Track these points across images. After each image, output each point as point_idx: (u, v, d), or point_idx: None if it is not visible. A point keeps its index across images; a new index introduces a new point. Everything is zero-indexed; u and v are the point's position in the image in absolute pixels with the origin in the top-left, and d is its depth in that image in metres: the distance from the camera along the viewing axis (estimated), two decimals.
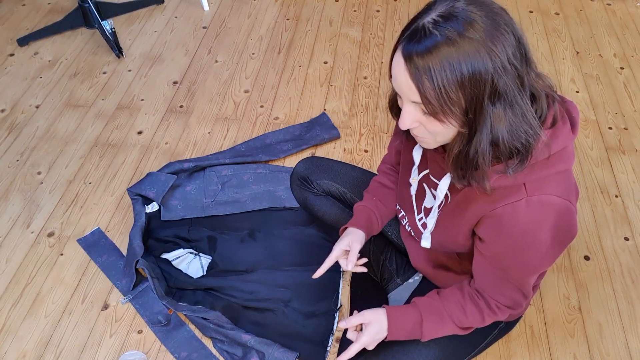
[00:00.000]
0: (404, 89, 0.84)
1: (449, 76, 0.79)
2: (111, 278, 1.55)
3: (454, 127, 0.86)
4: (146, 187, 1.70)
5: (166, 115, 2.04)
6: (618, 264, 1.61)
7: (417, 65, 0.80)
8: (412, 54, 0.80)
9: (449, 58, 0.78)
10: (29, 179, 1.81)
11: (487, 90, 0.81)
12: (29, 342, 1.43)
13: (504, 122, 0.84)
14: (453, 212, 1.04)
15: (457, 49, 0.78)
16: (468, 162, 0.88)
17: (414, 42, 0.80)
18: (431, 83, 0.80)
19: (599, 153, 1.93)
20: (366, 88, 2.16)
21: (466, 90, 0.80)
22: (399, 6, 2.58)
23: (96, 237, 1.65)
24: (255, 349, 1.37)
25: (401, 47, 0.83)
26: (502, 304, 1.08)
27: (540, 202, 0.91)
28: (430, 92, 0.81)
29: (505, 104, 0.83)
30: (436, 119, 0.85)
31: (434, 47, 0.79)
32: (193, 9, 2.53)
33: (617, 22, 2.51)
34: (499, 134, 0.84)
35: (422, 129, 0.90)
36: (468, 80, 0.79)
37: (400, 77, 0.83)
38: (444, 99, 0.81)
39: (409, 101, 0.86)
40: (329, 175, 1.43)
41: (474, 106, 0.82)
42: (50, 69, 2.22)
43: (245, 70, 2.23)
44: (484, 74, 0.80)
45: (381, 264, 1.45)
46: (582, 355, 1.42)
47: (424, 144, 0.95)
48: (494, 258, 1.01)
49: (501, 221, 0.94)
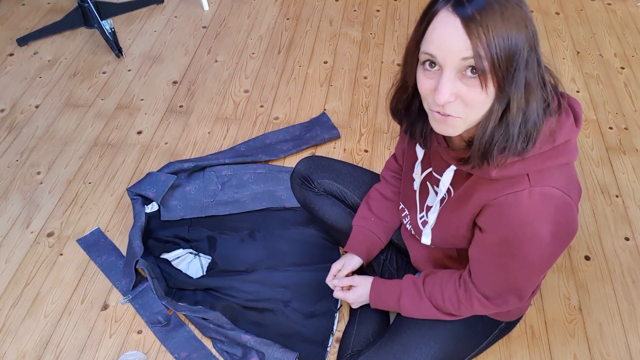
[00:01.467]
0: (454, 49, 0.82)
1: (502, 32, 0.80)
2: (111, 278, 1.55)
3: (490, 99, 0.85)
4: (146, 187, 1.70)
5: (166, 115, 2.04)
6: (618, 264, 1.61)
7: (474, 19, 0.80)
8: (467, 10, 0.80)
9: (501, 15, 0.80)
10: (28, 179, 1.81)
11: (525, 55, 0.83)
12: (29, 342, 1.43)
13: (534, 97, 0.85)
14: (455, 205, 1.04)
15: (506, 9, 0.81)
16: (497, 143, 0.87)
17: (464, 2, 0.81)
18: (486, 38, 0.80)
19: (599, 153, 1.93)
20: (366, 88, 2.16)
21: (511, 51, 0.81)
22: (399, 6, 2.58)
23: (96, 237, 1.65)
24: (255, 349, 1.36)
25: (449, 8, 0.82)
26: (486, 298, 1.08)
27: (542, 193, 0.91)
28: (484, 47, 0.81)
29: (534, 76, 0.85)
30: (480, 83, 0.83)
31: (486, 4, 0.80)
32: (193, 9, 2.53)
33: (618, 21, 2.51)
34: (529, 110, 0.85)
35: (457, 104, 0.86)
36: (514, 40, 0.81)
37: (450, 37, 0.82)
38: (495, 56, 0.81)
39: (452, 68, 0.84)
40: (330, 174, 1.43)
41: (512, 72, 0.83)
42: (49, 68, 2.22)
43: (245, 70, 2.23)
44: (524, 37, 0.82)
45: (382, 264, 1.45)
46: (583, 356, 1.41)
47: (451, 128, 0.90)
48: (492, 247, 1.01)
49: (502, 210, 0.94)
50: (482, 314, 1.14)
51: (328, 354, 1.40)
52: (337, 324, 1.46)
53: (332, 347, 1.42)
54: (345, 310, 1.49)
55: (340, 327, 1.45)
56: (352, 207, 1.43)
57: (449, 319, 1.16)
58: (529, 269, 1.01)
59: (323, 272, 1.53)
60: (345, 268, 1.32)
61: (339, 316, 1.47)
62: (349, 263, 1.32)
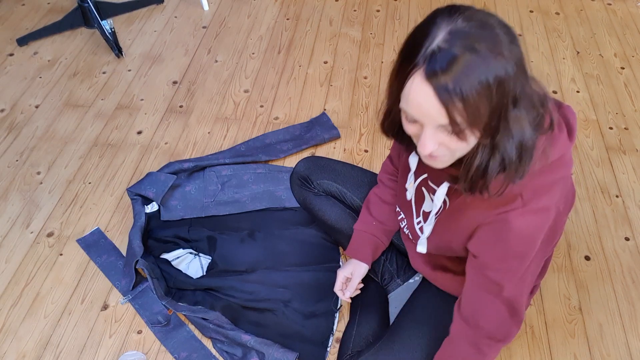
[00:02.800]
0: (430, 114, 0.81)
1: (478, 89, 0.77)
2: (110, 278, 1.55)
3: (476, 139, 0.84)
4: (146, 187, 1.70)
5: (166, 115, 2.04)
6: (618, 264, 1.61)
7: (446, 86, 0.77)
8: (438, 76, 0.77)
9: (476, 70, 0.76)
10: (28, 179, 1.81)
11: (510, 95, 0.80)
12: (29, 342, 1.43)
13: (525, 125, 0.83)
14: (450, 218, 1.03)
15: (480, 60, 0.76)
16: (488, 173, 0.86)
17: (436, 64, 0.77)
18: (462, 102, 0.77)
19: (599, 153, 1.93)
20: (366, 88, 2.16)
21: (493, 100, 0.78)
22: (399, 6, 2.58)
23: (96, 237, 1.65)
24: (255, 349, 1.36)
25: (422, 73, 0.79)
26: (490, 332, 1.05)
27: (536, 211, 0.91)
28: (460, 111, 0.78)
29: (523, 106, 0.82)
30: (460, 138, 0.82)
31: (459, 64, 0.76)
32: (193, 9, 2.53)
33: (618, 22, 2.51)
34: (524, 137, 0.83)
35: (443, 149, 0.87)
36: (495, 88, 0.78)
37: (425, 104, 0.80)
38: (473, 115, 0.78)
39: (432, 126, 0.83)
40: (329, 175, 1.43)
41: (498, 114, 0.80)
42: (49, 68, 2.22)
43: (245, 70, 2.23)
44: (506, 78, 0.78)
45: (382, 265, 1.45)
46: (583, 356, 1.41)
47: (439, 164, 0.91)
48: (485, 269, 1.00)
49: (495, 229, 0.94)
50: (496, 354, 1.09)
51: (328, 354, 1.40)
52: (337, 324, 1.46)
53: (332, 347, 1.42)
54: (345, 311, 1.49)
55: (340, 327, 1.45)
56: (351, 207, 1.43)
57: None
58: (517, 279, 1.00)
59: (323, 272, 1.53)
60: (355, 277, 1.31)
61: (339, 316, 1.47)
62: (357, 271, 1.31)
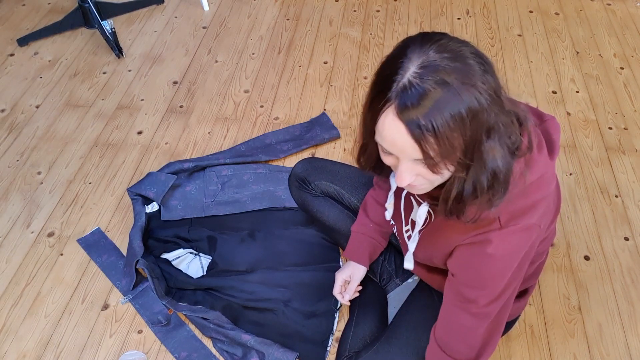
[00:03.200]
0: (404, 149, 0.80)
1: (451, 123, 0.76)
2: (111, 278, 1.55)
3: (452, 170, 0.83)
4: (146, 187, 1.70)
5: (166, 115, 2.04)
6: (618, 264, 1.61)
7: (418, 122, 0.76)
8: (409, 112, 0.76)
9: (447, 104, 0.75)
10: (29, 179, 1.81)
11: (484, 127, 0.79)
12: (29, 342, 1.43)
13: (499, 154, 0.82)
14: (433, 235, 1.04)
15: (452, 93, 0.76)
16: (463, 200, 0.86)
17: (407, 100, 0.76)
18: (434, 138, 0.77)
19: (599, 153, 1.93)
20: (366, 88, 2.15)
21: (466, 132, 0.78)
22: (399, 6, 2.58)
23: (96, 237, 1.65)
24: (255, 349, 1.37)
25: (394, 110, 0.78)
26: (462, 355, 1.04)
27: (514, 232, 0.91)
28: (433, 146, 0.78)
29: (497, 135, 0.81)
30: (435, 171, 0.82)
31: (430, 99, 0.75)
32: (193, 9, 2.53)
33: (617, 22, 2.51)
34: (497, 166, 0.83)
35: (420, 179, 0.87)
36: (469, 121, 0.77)
37: (398, 139, 0.79)
38: (447, 149, 0.78)
39: (407, 159, 0.83)
40: (326, 176, 1.43)
41: (472, 146, 0.80)
42: (50, 69, 2.22)
43: (245, 70, 2.23)
44: (479, 110, 0.78)
45: (380, 265, 1.45)
46: (582, 356, 1.42)
47: (418, 192, 0.91)
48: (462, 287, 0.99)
49: (472, 250, 0.94)
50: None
51: (328, 354, 1.41)
52: (337, 323, 1.46)
53: (332, 347, 1.42)
54: (345, 310, 1.49)
55: (340, 327, 1.45)
56: (349, 208, 1.44)
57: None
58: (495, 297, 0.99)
59: (323, 272, 1.54)
60: (354, 280, 1.31)
61: (339, 316, 1.48)
62: (356, 274, 1.31)
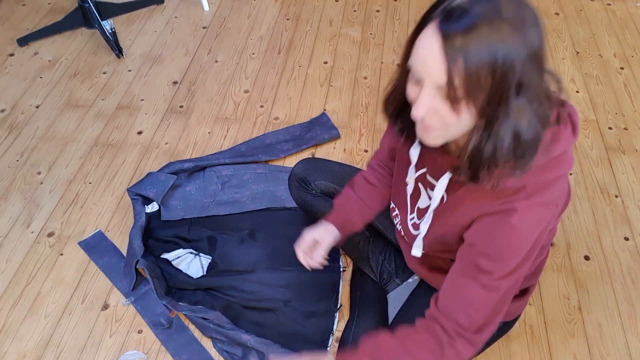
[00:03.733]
0: (431, 70, 0.79)
1: (484, 58, 0.76)
2: (112, 280, 1.55)
3: (471, 118, 0.82)
4: (146, 187, 1.70)
5: (166, 115, 2.04)
6: (618, 263, 1.61)
7: (454, 44, 0.76)
8: (450, 32, 0.76)
9: (488, 39, 0.75)
10: (29, 179, 1.81)
11: (515, 79, 0.78)
12: (29, 342, 1.43)
13: (526, 116, 0.81)
14: (447, 212, 1.01)
15: (495, 31, 0.75)
16: (483, 160, 0.84)
17: (452, 21, 0.76)
18: (464, 64, 0.76)
19: (599, 153, 1.93)
20: (366, 88, 2.16)
21: (495, 77, 0.77)
22: (399, 6, 2.58)
23: (97, 240, 1.64)
24: (255, 349, 1.37)
25: (436, 24, 0.78)
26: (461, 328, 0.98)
27: (539, 204, 0.91)
28: (461, 74, 0.77)
29: (528, 97, 0.80)
30: (455, 108, 0.81)
31: (474, 27, 0.75)
32: (193, 9, 2.53)
33: (617, 22, 2.51)
34: (520, 129, 0.81)
35: (436, 119, 0.85)
36: (500, 66, 0.76)
37: (430, 56, 0.78)
38: (472, 84, 0.77)
39: (431, 85, 0.81)
40: (326, 175, 1.43)
41: (498, 96, 0.79)
42: (50, 69, 2.22)
43: (245, 70, 2.23)
44: (516, 61, 0.77)
45: (380, 264, 1.45)
46: (582, 355, 1.42)
47: (431, 139, 0.89)
48: (479, 257, 0.96)
49: (497, 219, 0.92)
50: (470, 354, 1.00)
51: (328, 354, 1.41)
52: (337, 323, 1.46)
53: (332, 347, 1.42)
54: (345, 310, 1.49)
55: (340, 327, 1.45)
56: None
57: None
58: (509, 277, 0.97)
59: (323, 272, 1.54)
60: (323, 245, 1.22)
61: (339, 316, 1.48)
62: (326, 238, 1.22)
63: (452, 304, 0.99)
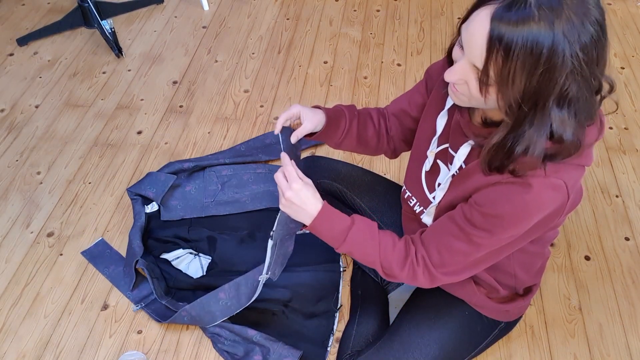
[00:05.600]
0: (473, 50, 0.80)
1: (526, 58, 0.75)
2: (120, 288, 1.52)
3: (498, 106, 0.83)
4: (146, 187, 1.70)
5: (166, 115, 2.04)
6: (618, 263, 1.61)
7: (501, 33, 0.76)
8: (501, 21, 0.76)
9: (534, 40, 0.75)
10: (28, 179, 1.81)
11: (556, 91, 0.78)
12: (29, 342, 1.43)
13: (570, 126, 0.81)
14: (462, 180, 1.01)
15: (546, 33, 0.74)
16: (507, 155, 0.85)
17: (509, 11, 0.75)
18: (503, 57, 0.76)
19: (599, 153, 1.93)
20: (366, 88, 2.16)
21: (532, 82, 0.77)
22: (399, 6, 2.58)
23: (100, 248, 1.62)
24: (260, 344, 1.36)
25: (494, 7, 0.77)
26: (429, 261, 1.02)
27: (554, 185, 0.89)
28: (498, 65, 0.77)
29: (572, 110, 0.80)
30: (483, 90, 0.81)
31: (526, 23, 0.75)
32: (193, 9, 2.53)
33: (618, 22, 2.51)
34: (562, 135, 0.82)
35: (464, 87, 0.86)
36: (541, 73, 0.76)
37: (477, 37, 0.79)
38: (506, 79, 0.77)
39: (469, 61, 0.82)
40: (329, 174, 1.43)
41: (534, 101, 0.79)
42: (49, 68, 2.22)
43: (245, 70, 2.23)
44: (558, 73, 0.76)
45: None
46: (583, 356, 1.41)
47: (457, 100, 0.91)
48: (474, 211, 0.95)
49: (511, 187, 0.91)
50: (425, 283, 1.05)
51: (328, 354, 1.40)
52: (337, 323, 1.46)
53: (332, 347, 1.42)
54: (345, 310, 1.49)
55: (340, 327, 1.45)
56: (351, 207, 1.43)
57: (382, 274, 1.07)
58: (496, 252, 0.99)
59: (323, 272, 1.54)
60: (305, 123, 1.15)
61: (339, 316, 1.47)
62: (312, 117, 1.16)
63: (432, 241, 1.03)
